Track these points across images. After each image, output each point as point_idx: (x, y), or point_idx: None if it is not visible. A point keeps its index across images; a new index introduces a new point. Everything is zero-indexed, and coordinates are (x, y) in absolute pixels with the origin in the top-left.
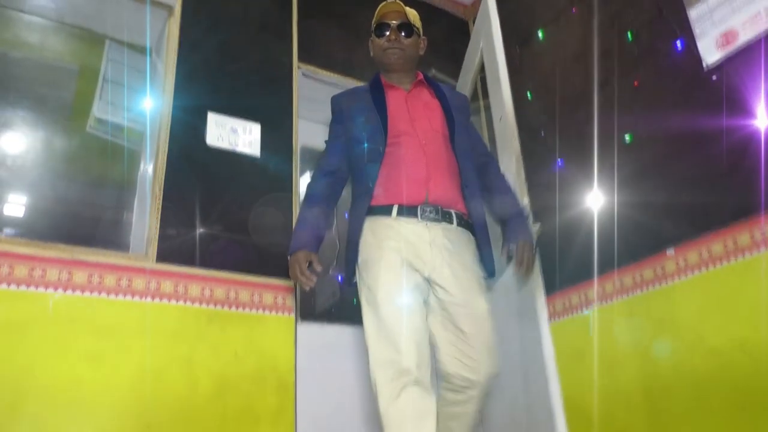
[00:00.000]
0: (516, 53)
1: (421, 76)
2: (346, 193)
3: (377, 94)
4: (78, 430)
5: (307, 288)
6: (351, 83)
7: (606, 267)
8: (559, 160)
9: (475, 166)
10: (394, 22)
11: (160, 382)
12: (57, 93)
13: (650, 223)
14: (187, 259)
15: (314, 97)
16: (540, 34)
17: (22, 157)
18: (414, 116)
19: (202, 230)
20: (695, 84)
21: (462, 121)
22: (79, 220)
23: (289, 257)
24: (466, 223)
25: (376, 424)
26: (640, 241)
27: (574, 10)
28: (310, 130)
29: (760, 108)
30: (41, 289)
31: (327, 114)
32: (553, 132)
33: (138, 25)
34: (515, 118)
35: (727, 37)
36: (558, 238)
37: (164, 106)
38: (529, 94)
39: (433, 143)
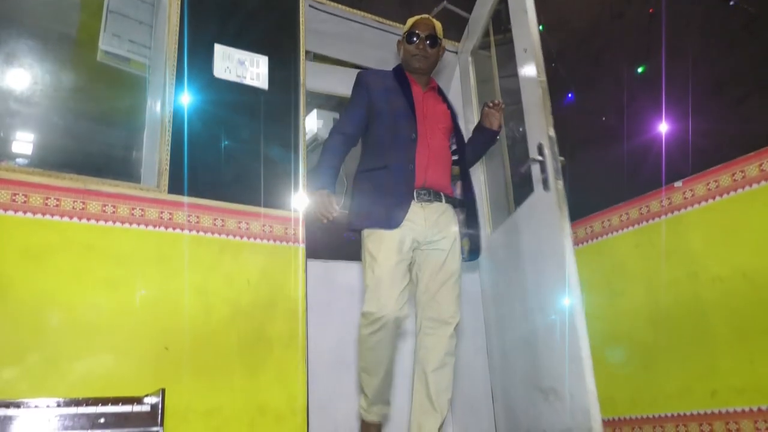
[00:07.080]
0: None
1: (434, 83)
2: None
3: (405, 86)
4: (98, 352)
5: (325, 221)
6: (358, 15)
7: (613, 200)
8: (569, 93)
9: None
10: (423, 33)
11: (176, 308)
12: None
13: (657, 157)
14: (198, 191)
15: (322, 30)
16: None
17: (30, 89)
18: (426, 114)
19: (211, 162)
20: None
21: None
22: (90, 154)
23: (312, 192)
24: (453, 200)
25: None
26: (648, 174)
27: None
28: (317, 64)
29: None
30: (56, 218)
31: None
32: (566, 64)
33: None
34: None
35: None
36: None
37: (170, 37)
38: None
39: (436, 139)
